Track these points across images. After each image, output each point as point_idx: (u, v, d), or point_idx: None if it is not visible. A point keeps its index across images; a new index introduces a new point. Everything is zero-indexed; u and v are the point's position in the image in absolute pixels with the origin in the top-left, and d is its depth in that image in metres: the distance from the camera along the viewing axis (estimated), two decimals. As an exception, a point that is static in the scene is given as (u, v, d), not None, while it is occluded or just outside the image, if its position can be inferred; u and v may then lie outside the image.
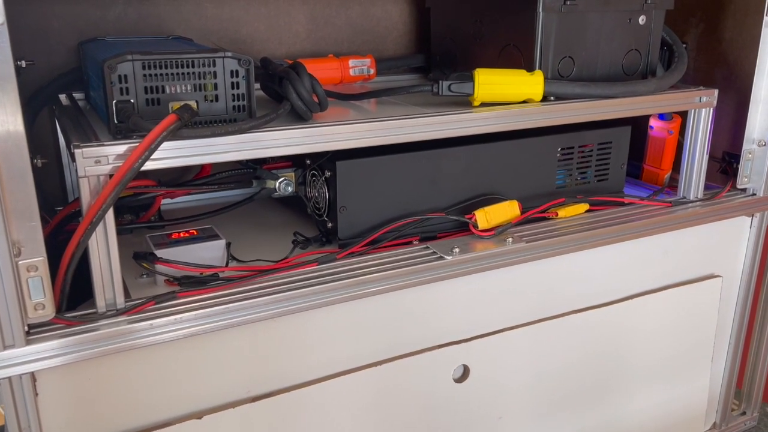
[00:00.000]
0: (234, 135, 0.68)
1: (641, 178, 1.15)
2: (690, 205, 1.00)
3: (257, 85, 0.86)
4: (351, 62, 1.07)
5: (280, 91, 0.78)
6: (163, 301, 0.68)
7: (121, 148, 0.63)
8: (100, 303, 0.66)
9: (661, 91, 0.94)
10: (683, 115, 1.01)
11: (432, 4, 1.11)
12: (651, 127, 1.11)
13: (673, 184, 1.08)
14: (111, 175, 0.62)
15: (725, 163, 1.08)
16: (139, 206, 0.89)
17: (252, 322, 0.70)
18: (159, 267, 0.71)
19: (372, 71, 1.09)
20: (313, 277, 0.75)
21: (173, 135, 0.63)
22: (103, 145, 0.62)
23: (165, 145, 0.64)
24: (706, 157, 0.99)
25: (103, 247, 0.64)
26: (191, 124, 0.68)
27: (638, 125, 1.06)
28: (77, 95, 0.90)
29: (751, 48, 1.01)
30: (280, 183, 0.87)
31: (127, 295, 0.70)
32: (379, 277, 0.76)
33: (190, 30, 1.02)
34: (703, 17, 1.09)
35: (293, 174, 0.89)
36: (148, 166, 0.64)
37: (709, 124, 0.98)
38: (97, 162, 0.62)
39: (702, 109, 0.97)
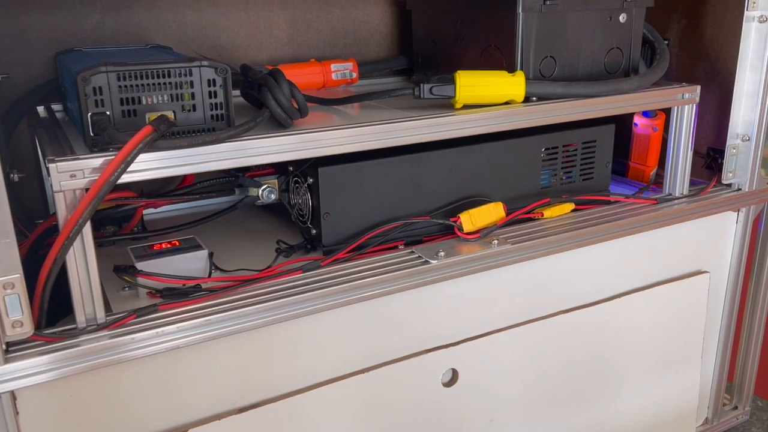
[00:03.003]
0: (212, 145, 0.67)
1: (627, 175, 1.15)
2: (676, 201, 1.00)
3: (237, 93, 0.86)
4: (333, 66, 1.06)
5: (260, 98, 0.77)
6: (144, 315, 0.67)
7: (96, 161, 0.62)
8: (80, 318, 0.65)
9: (643, 89, 0.93)
10: (667, 111, 1.01)
11: (413, 6, 1.10)
12: (635, 125, 1.11)
13: (659, 181, 1.08)
14: (87, 189, 0.61)
15: (710, 159, 1.08)
16: (121, 217, 0.88)
17: (235, 333, 0.69)
18: (140, 280, 0.70)
19: (355, 75, 1.08)
20: (297, 286, 0.74)
21: (150, 147, 0.62)
22: (78, 158, 0.61)
23: (142, 156, 0.63)
24: (690, 154, 0.99)
25: (82, 262, 0.63)
26: (169, 135, 0.67)
27: (623, 122, 1.06)
28: (56, 107, 0.89)
29: (732, 43, 1.01)
30: (263, 190, 0.87)
31: (108, 308, 0.69)
32: (364, 283, 0.75)
33: (170, 38, 1.01)
34: (685, 13, 1.09)
35: (276, 181, 0.88)
36: (126, 178, 0.63)
37: (692, 121, 0.98)
38: (73, 176, 0.61)
39: (685, 106, 0.97)
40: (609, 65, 0.95)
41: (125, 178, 0.63)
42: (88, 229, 0.62)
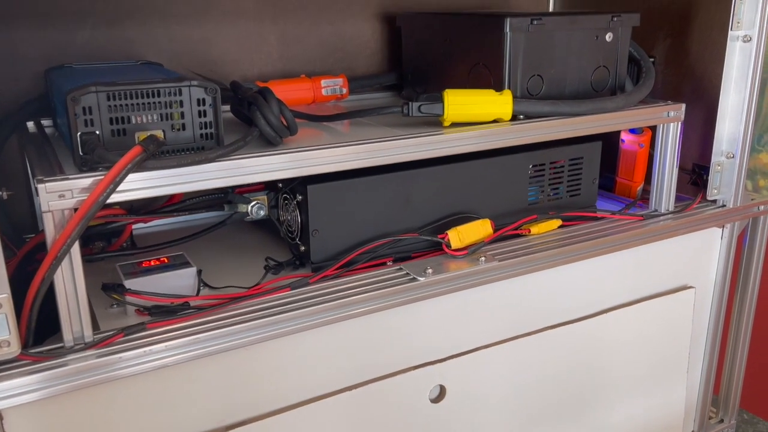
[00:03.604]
0: (201, 164, 0.68)
1: (614, 191, 1.16)
2: (662, 218, 1.01)
3: (227, 108, 0.86)
4: (323, 82, 1.07)
5: (249, 116, 0.77)
6: (132, 333, 0.67)
7: (85, 181, 0.62)
8: (68, 337, 0.65)
9: (629, 107, 0.95)
10: (653, 128, 1.02)
11: (402, 23, 1.11)
12: (622, 141, 1.12)
13: (645, 197, 1.10)
14: (76, 209, 0.62)
15: (695, 175, 1.10)
16: (110, 233, 0.88)
17: (223, 351, 0.69)
18: (128, 298, 0.71)
19: (345, 90, 1.09)
20: (286, 303, 0.74)
21: (139, 167, 0.63)
22: (67, 178, 0.62)
23: (131, 176, 0.64)
24: (675, 171, 1.01)
25: (70, 282, 0.63)
26: (158, 154, 0.67)
27: (610, 138, 1.07)
28: (46, 122, 0.89)
29: (717, 61, 1.03)
30: (252, 207, 0.87)
31: (95, 327, 0.70)
32: (352, 301, 0.76)
33: (161, 53, 1.01)
34: (670, 31, 1.10)
35: (266, 197, 0.89)
36: (115, 198, 0.63)
37: (677, 138, 0.99)
38: (61, 196, 0.61)
39: (670, 124, 0.98)
40: (596, 83, 0.97)
41: (114, 198, 0.63)
42: (76, 249, 0.63)
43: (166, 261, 0.78)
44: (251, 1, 1.06)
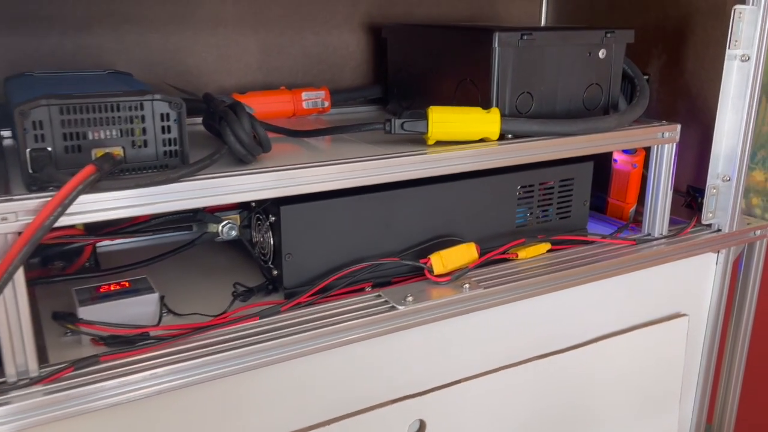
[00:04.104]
0: (162, 185, 0.62)
1: (606, 212, 1.12)
2: (655, 242, 0.97)
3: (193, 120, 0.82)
4: (304, 94, 1.02)
5: (220, 131, 0.73)
6: (83, 367, 0.62)
7: (31, 203, 0.57)
8: (10, 371, 0.59)
9: (622, 127, 0.90)
10: (647, 148, 0.98)
11: (389, 35, 1.07)
12: (615, 160, 1.08)
13: (638, 219, 1.06)
14: (21, 233, 0.56)
15: (690, 198, 1.06)
16: (72, 252, 0.83)
17: (184, 386, 0.64)
18: (81, 328, 0.65)
19: (327, 104, 1.04)
20: (254, 334, 0.69)
21: (91, 187, 0.58)
22: (11, 199, 0.56)
23: (84, 198, 0.59)
24: (670, 194, 0.97)
25: (13, 312, 0.58)
26: (117, 173, 0.62)
27: (602, 157, 1.03)
28: (6, 133, 0.83)
29: (713, 80, 0.99)
30: (223, 227, 0.82)
31: (44, 359, 0.64)
32: (325, 332, 0.71)
33: (133, 62, 0.96)
34: (666, 48, 1.06)
35: (238, 216, 0.84)
36: (65, 221, 0.58)
37: (672, 160, 0.95)
38: (4, 219, 0.56)
39: (665, 145, 0.94)
40: (588, 102, 0.93)
41: (64, 221, 0.58)
42: (20, 276, 0.57)
43: (127, 285, 0.72)
44: (231, 9, 1.02)
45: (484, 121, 0.81)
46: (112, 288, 0.72)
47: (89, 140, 0.62)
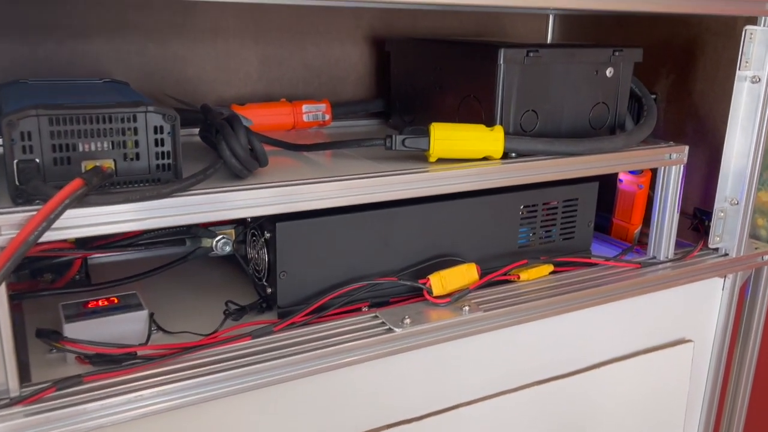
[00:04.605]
0: (153, 200, 0.60)
1: (610, 232, 1.09)
2: (660, 266, 0.94)
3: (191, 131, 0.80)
4: (305, 107, 1.01)
5: (216, 144, 0.71)
6: (66, 387, 0.59)
7: (15, 217, 0.55)
8: (-10, 392, 0.57)
9: (629, 148, 0.88)
10: (653, 169, 0.96)
11: (392, 48, 1.05)
12: (620, 180, 1.06)
13: (643, 240, 1.03)
14: (3, 248, 0.54)
15: (696, 220, 1.03)
16: (61, 265, 0.80)
17: (170, 409, 0.62)
18: (65, 346, 0.63)
19: (327, 117, 1.02)
20: (246, 354, 0.67)
21: (79, 202, 0.56)
22: (-5, 213, 0.54)
23: (71, 213, 0.56)
24: (676, 216, 0.94)
25: (-6, 329, 0.56)
26: (106, 187, 0.60)
27: (607, 177, 1.01)
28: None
29: (722, 101, 0.97)
30: (217, 241, 0.80)
31: (26, 378, 0.62)
32: (320, 353, 0.68)
33: (130, 70, 0.95)
34: (674, 68, 1.04)
35: (233, 231, 0.82)
36: (52, 236, 0.56)
37: (679, 182, 0.93)
38: (-13, 233, 0.54)
39: (672, 167, 0.92)
40: (594, 121, 0.90)
41: (51, 236, 0.56)
42: (2, 293, 0.55)
43: (115, 301, 0.70)
44: (231, 19, 1.00)
45: (488, 139, 0.79)
46: (100, 304, 0.69)
47: (79, 152, 0.60)
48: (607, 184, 1.02)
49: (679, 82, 1.04)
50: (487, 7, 0.73)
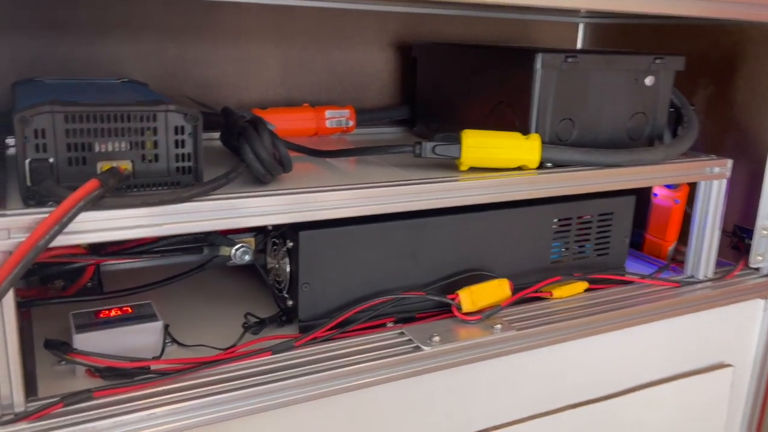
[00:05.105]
0: (172, 204, 0.57)
1: (643, 249, 1.05)
2: (699, 285, 0.89)
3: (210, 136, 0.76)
4: (328, 113, 0.97)
5: (238, 148, 0.67)
6: (74, 403, 0.56)
7: (25, 219, 0.51)
8: (-6, 406, 0.53)
9: (670, 160, 0.84)
10: (692, 184, 0.92)
11: (419, 54, 1.01)
12: (655, 195, 1.01)
13: (678, 257, 0.99)
14: (12, 252, 0.50)
15: (737, 238, 0.98)
16: (74, 271, 0.77)
17: (186, 429, 0.58)
18: (75, 358, 0.59)
19: (351, 123, 0.99)
20: (265, 372, 0.63)
21: (93, 204, 0.52)
22: (3, 215, 0.51)
23: (85, 216, 0.53)
24: (717, 234, 0.90)
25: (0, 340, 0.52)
26: (123, 189, 0.57)
27: (641, 190, 0.96)
28: (11, 141, 0.78)
29: (765, 114, 0.93)
30: (236, 250, 0.76)
31: (33, 391, 0.58)
32: (344, 372, 0.64)
33: (149, 71, 0.92)
34: (713, 78, 1.00)
35: (253, 239, 0.78)
36: (64, 241, 0.53)
37: (721, 198, 0.88)
38: (-5, 236, 0.50)
39: (714, 181, 0.87)
40: (632, 131, 0.86)
41: (62, 241, 0.52)
42: (9, 300, 0.51)
43: (129, 311, 0.66)
44: (253, 20, 0.97)
45: (524, 148, 0.75)
46: (112, 314, 0.66)
47: (96, 152, 0.57)
48: (640, 198, 0.98)
49: (718, 94, 1.00)
50: (518, 6, 0.70)
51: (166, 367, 0.61)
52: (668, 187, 0.98)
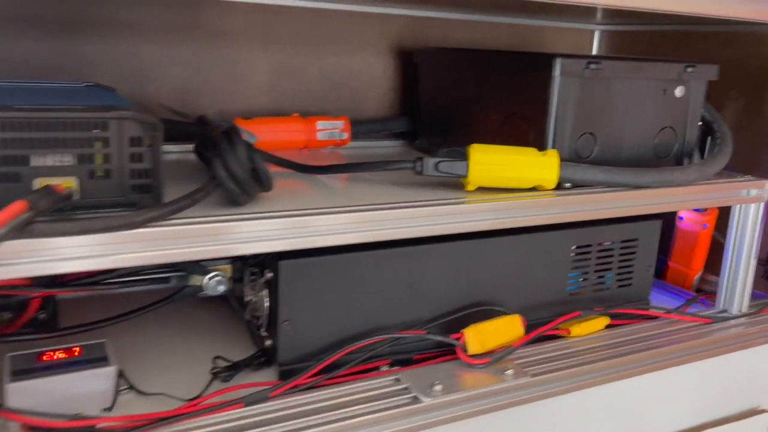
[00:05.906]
0: (122, 230, 0.47)
1: (665, 277, 0.95)
2: (733, 321, 0.80)
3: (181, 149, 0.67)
4: (319, 124, 0.88)
5: (211, 162, 0.58)
6: (-3, 473, 0.46)
7: (-67, 250, 0.42)
8: None
9: (703, 181, 0.74)
10: (723, 207, 0.82)
11: (421, 60, 0.92)
12: (680, 218, 0.92)
13: (704, 288, 0.89)
14: None
15: (771, 268, 0.89)
16: (22, 302, 0.67)
17: (133, 502, 0.48)
18: (3, 418, 0.49)
19: (345, 135, 0.89)
20: (234, 429, 0.53)
21: (20, 231, 0.42)
22: None
23: (10, 246, 0.43)
24: (753, 263, 0.80)
25: None
26: (68, 210, 0.47)
27: (664, 214, 0.87)
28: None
29: (804, 131, 0.83)
30: (209, 279, 0.66)
31: (-50, 455, 0.48)
32: (328, 430, 0.54)
33: (122, 75, 0.82)
34: (744, 91, 0.91)
35: (229, 267, 0.68)
36: (-16, 274, 0.43)
37: (758, 223, 0.79)
38: None
39: (750, 205, 0.78)
40: (659, 148, 0.77)
41: (-18, 275, 0.43)
42: None
43: (77, 353, 0.57)
44: (240, 21, 0.88)
45: (540, 166, 0.66)
46: (57, 356, 0.56)
47: (31, 167, 0.47)
48: (664, 221, 0.88)
49: (750, 109, 0.91)
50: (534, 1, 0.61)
51: (115, 425, 0.51)
52: (696, 210, 0.89)
